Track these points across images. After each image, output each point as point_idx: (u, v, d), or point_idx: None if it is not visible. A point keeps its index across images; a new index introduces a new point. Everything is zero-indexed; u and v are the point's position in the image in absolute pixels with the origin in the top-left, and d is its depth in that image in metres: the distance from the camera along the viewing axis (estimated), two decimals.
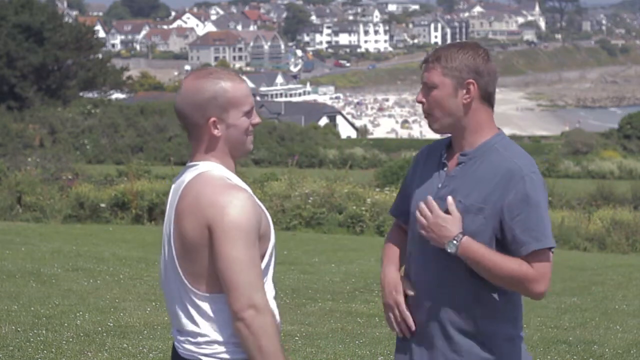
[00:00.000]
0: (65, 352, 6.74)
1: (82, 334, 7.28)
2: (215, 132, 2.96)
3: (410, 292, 3.35)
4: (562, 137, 56.18)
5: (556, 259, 14.65)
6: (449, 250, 3.21)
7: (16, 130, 40.37)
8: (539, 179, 3.22)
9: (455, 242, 3.20)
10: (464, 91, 3.26)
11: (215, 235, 2.85)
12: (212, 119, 2.94)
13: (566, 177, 35.84)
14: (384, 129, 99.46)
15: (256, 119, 3.03)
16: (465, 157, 3.29)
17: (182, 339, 2.99)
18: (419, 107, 3.86)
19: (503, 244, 3.23)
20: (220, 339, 2.92)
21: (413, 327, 3.35)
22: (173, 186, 3.06)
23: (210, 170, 2.96)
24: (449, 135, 3.38)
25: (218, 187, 2.90)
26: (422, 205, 3.27)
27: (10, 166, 21.63)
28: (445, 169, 3.33)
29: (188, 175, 2.99)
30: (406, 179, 3.53)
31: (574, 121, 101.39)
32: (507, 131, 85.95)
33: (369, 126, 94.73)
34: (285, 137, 46.22)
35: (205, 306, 2.93)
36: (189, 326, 2.96)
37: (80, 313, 8.09)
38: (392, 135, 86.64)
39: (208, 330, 2.93)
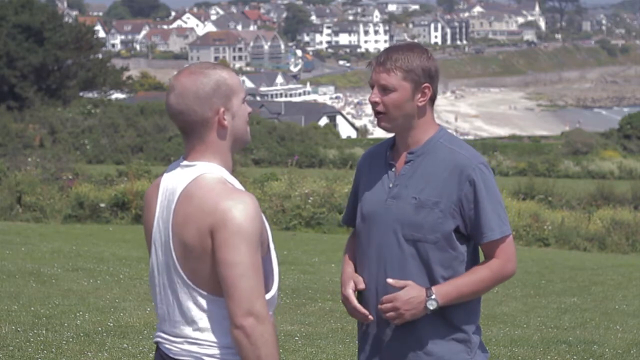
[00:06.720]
0: (65, 352, 6.74)
1: (82, 334, 7.28)
2: (225, 122, 2.90)
3: (361, 286, 3.44)
4: (562, 137, 56.15)
5: (556, 259, 14.58)
6: (432, 309, 3.29)
7: (16, 130, 40.37)
8: (488, 170, 3.35)
9: (431, 298, 3.29)
10: (419, 95, 3.37)
11: (217, 240, 2.78)
12: (221, 109, 2.89)
13: (566, 177, 35.84)
14: None
15: (249, 108, 3.01)
16: (413, 155, 3.40)
17: (178, 339, 2.90)
18: None
19: (466, 235, 3.36)
20: (225, 342, 2.84)
21: (369, 315, 3.41)
22: (165, 185, 2.96)
23: (209, 173, 2.88)
24: (388, 137, 3.51)
25: (222, 191, 2.83)
26: (381, 307, 3.33)
27: (10, 166, 21.60)
28: (393, 169, 3.43)
29: (184, 177, 2.91)
30: (353, 187, 3.62)
31: (574, 121, 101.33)
32: (507, 131, 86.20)
33: (369, 126, 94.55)
34: (285, 137, 46.17)
35: (211, 308, 2.86)
36: (188, 329, 2.88)
37: (80, 313, 8.09)
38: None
39: (210, 333, 2.86)
